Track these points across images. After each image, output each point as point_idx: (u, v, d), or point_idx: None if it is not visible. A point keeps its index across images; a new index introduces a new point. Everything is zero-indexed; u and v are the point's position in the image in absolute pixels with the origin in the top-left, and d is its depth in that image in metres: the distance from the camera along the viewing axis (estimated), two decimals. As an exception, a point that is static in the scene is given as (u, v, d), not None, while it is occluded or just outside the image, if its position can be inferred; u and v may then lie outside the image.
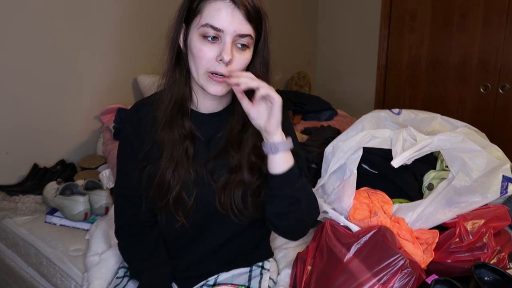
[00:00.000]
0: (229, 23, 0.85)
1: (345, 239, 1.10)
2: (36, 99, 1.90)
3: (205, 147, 0.99)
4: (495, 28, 2.58)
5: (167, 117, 0.96)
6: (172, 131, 0.96)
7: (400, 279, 0.98)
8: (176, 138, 0.96)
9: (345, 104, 3.21)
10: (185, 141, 0.96)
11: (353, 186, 1.28)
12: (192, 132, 0.97)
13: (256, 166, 0.95)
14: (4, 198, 1.73)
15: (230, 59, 0.86)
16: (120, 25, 2.13)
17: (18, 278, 1.61)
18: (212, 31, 0.85)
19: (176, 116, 0.96)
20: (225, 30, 0.85)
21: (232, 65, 0.88)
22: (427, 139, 1.30)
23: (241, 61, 0.89)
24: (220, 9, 0.85)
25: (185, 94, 0.97)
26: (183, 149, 0.96)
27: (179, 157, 0.95)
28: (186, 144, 0.96)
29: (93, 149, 2.16)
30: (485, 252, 1.09)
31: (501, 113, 2.68)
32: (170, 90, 0.96)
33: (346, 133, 1.48)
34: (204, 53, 0.87)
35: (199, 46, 0.87)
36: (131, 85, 2.29)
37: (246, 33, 0.87)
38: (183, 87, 0.96)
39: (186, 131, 0.96)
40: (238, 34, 0.86)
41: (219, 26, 0.85)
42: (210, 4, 0.86)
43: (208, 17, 0.85)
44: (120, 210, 1.09)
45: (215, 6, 0.85)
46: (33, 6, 1.82)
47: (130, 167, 1.02)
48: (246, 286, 1.04)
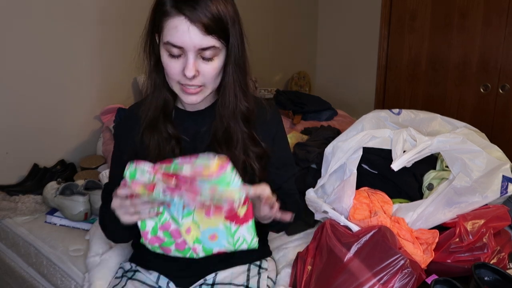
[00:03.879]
0: (187, 39, 0.84)
1: (345, 239, 1.10)
2: (36, 99, 1.90)
3: (191, 146, 1.00)
4: (495, 28, 2.58)
5: (150, 121, 0.97)
6: (155, 135, 0.97)
7: (400, 279, 0.98)
8: (160, 141, 0.97)
9: (345, 104, 3.21)
10: (171, 142, 0.98)
11: (353, 186, 1.29)
12: (176, 134, 0.99)
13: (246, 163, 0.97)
14: (4, 198, 1.73)
15: (194, 75, 0.87)
16: (120, 25, 2.13)
17: (18, 278, 1.61)
18: (173, 49, 0.86)
19: (158, 120, 0.98)
20: (185, 47, 0.85)
21: (200, 77, 0.89)
22: (426, 141, 1.30)
23: (209, 71, 0.89)
24: (177, 27, 0.84)
25: (167, 97, 0.98)
26: (169, 149, 0.97)
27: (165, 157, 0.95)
28: (172, 144, 0.98)
29: (93, 149, 2.16)
30: (485, 252, 1.09)
31: (501, 113, 2.68)
32: (152, 94, 0.97)
33: (346, 133, 1.48)
34: (170, 68, 0.89)
35: (167, 61, 0.89)
36: (131, 85, 2.29)
37: (208, 45, 0.86)
38: (165, 89, 0.97)
39: (170, 134, 0.98)
40: (199, 48, 0.86)
41: (179, 44, 0.85)
42: (168, 21, 0.85)
43: (167, 35, 0.86)
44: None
45: (172, 24, 0.85)
46: (33, 6, 1.82)
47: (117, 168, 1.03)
48: (245, 285, 1.04)
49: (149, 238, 0.91)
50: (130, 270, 1.13)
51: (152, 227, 0.90)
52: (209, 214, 0.86)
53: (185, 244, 0.91)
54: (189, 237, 0.89)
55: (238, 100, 0.97)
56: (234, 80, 0.94)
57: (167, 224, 0.89)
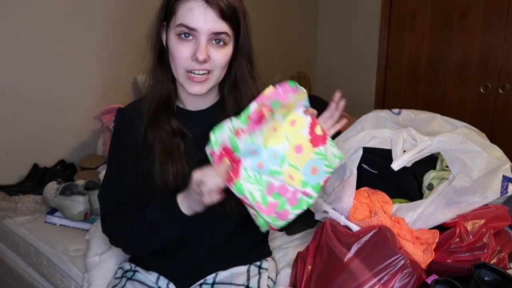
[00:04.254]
0: (202, 22, 0.85)
1: (346, 239, 1.10)
2: (36, 99, 1.90)
3: (196, 146, 0.98)
4: (495, 28, 2.58)
5: (152, 116, 0.96)
6: (159, 130, 0.96)
7: (400, 279, 0.98)
8: (164, 136, 0.96)
9: (345, 104, 3.21)
10: (175, 137, 0.96)
11: (353, 186, 1.29)
12: (180, 129, 0.97)
13: None
14: (4, 198, 1.73)
15: (205, 58, 0.87)
16: (120, 24, 2.13)
17: (18, 278, 1.61)
18: (186, 31, 0.86)
19: (161, 114, 0.97)
20: (199, 29, 0.86)
21: (210, 63, 0.89)
22: (426, 141, 1.30)
23: (219, 58, 0.90)
24: (192, 9, 0.85)
25: (170, 92, 0.98)
26: (174, 144, 0.96)
27: (171, 151, 0.95)
28: (177, 140, 0.96)
29: (93, 149, 2.16)
30: (485, 252, 1.09)
31: (501, 113, 2.67)
32: (154, 89, 0.97)
33: (346, 133, 1.48)
34: (180, 52, 0.88)
35: (176, 45, 0.89)
36: (131, 85, 2.29)
37: (221, 30, 0.88)
38: (167, 85, 0.97)
39: (174, 129, 0.97)
40: (212, 32, 0.87)
41: (193, 26, 0.86)
42: (183, 3, 0.86)
43: (182, 17, 0.86)
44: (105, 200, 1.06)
45: (188, 5, 0.86)
46: (33, 6, 1.82)
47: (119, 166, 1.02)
48: (245, 285, 1.04)
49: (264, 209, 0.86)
50: (129, 270, 1.13)
51: (261, 196, 0.85)
52: (300, 149, 0.84)
53: (297, 194, 0.86)
54: (296, 183, 0.86)
55: (251, 91, 0.98)
56: (245, 71, 0.96)
57: (271, 185, 0.85)
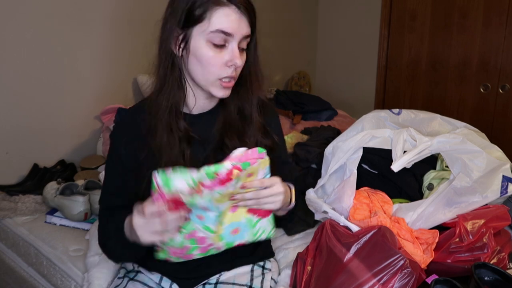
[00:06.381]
0: (238, 27, 0.88)
1: (345, 239, 1.10)
2: (36, 99, 1.90)
3: (201, 147, 0.99)
4: (495, 28, 2.58)
5: (163, 122, 0.95)
6: (167, 135, 0.95)
7: (400, 279, 0.98)
8: (172, 142, 0.95)
9: (345, 104, 3.21)
10: (181, 143, 0.96)
11: (353, 186, 1.29)
12: (187, 133, 0.97)
13: None
14: (4, 198, 1.73)
15: (242, 63, 0.92)
16: (120, 25, 2.13)
17: (18, 278, 1.61)
18: (223, 36, 0.88)
19: (171, 119, 0.96)
20: (235, 35, 0.89)
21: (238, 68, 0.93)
22: (426, 142, 1.30)
23: (243, 61, 0.94)
24: (229, 15, 0.87)
25: (180, 98, 0.98)
26: (179, 151, 0.96)
27: (176, 161, 0.94)
28: (183, 146, 0.96)
29: (93, 149, 2.16)
30: (485, 252, 1.09)
31: (501, 113, 2.68)
32: (164, 95, 0.96)
33: (346, 133, 1.48)
34: (215, 60, 0.90)
35: (210, 53, 0.89)
36: (131, 85, 2.29)
37: (249, 34, 0.92)
38: (177, 91, 0.97)
39: (182, 133, 0.96)
40: (243, 36, 0.90)
41: (230, 31, 0.88)
42: (217, 10, 0.87)
43: (217, 23, 0.87)
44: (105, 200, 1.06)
45: (223, 12, 0.87)
46: (33, 6, 1.82)
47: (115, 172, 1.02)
48: (249, 286, 1.05)
49: (172, 251, 0.88)
50: (132, 270, 1.13)
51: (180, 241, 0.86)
52: (235, 209, 0.86)
53: (210, 246, 0.89)
54: (216, 238, 0.88)
55: (259, 89, 1.00)
56: (256, 70, 0.98)
57: (194, 232, 0.86)
